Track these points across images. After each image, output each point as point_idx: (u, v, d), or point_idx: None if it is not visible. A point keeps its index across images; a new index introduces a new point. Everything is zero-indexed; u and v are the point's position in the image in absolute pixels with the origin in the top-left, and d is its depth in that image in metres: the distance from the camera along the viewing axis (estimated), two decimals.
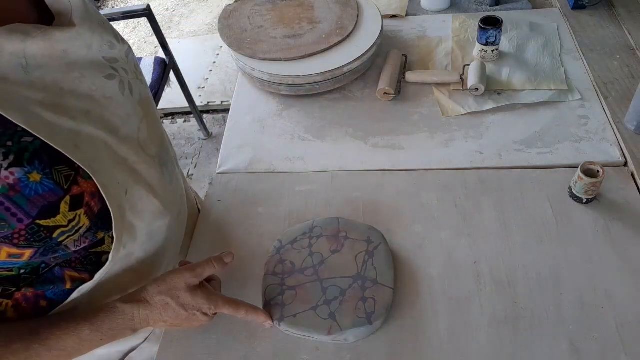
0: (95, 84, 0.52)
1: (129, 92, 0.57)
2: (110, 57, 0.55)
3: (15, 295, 0.55)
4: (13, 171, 0.43)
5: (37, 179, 0.45)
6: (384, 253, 0.69)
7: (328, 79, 0.95)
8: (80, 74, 0.50)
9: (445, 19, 1.12)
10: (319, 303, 0.64)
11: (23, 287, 0.56)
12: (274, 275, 0.68)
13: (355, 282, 0.66)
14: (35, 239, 0.47)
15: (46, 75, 0.47)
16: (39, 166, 0.45)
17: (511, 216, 0.74)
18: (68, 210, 0.48)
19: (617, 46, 0.99)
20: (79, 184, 0.48)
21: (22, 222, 0.45)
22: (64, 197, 0.47)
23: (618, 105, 0.87)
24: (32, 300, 0.57)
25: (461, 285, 0.67)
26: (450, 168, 0.82)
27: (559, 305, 0.64)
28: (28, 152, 0.44)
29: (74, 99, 0.49)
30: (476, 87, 0.91)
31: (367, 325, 0.62)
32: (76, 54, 0.50)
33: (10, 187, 0.43)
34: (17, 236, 0.46)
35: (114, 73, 0.55)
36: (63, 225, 0.48)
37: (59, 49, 0.48)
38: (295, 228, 0.74)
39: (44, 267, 0.56)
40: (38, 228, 0.47)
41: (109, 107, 0.53)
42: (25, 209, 0.45)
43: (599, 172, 0.70)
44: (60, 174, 0.47)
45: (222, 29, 1.03)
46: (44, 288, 0.57)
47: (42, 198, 0.46)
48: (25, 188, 0.44)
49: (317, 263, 0.69)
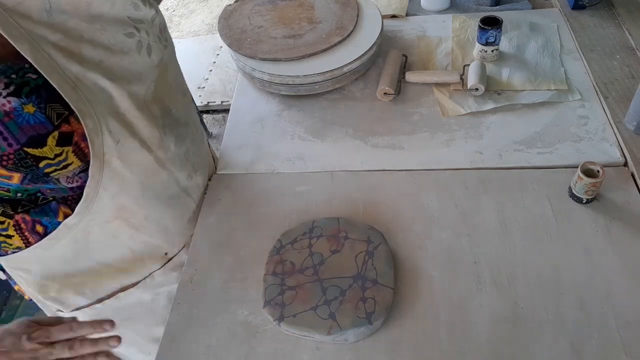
0: (115, 39, 0.56)
1: (146, 53, 0.60)
2: (136, 18, 0.59)
3: (15, 217, 0.62)
4: (10, 100, 0.49)
5: (30, 110, 0.50)
6: (384, 253, 0.69)
7: (328, 79, 0.95)
8: (102, 27, 0.54)
9: (445, 19, 1.12)
10: (319, 303, 0.64)
11: (21, 213, 0.62)
12: (274, 275, 0.68)
13: (355, 282, 0.66)
14: (22, 164, 0.52)
15: (68, 21, 0.51)
16: (35, 100, 0.50)
17: (511, 216, 0.74)
18: (55, 145, 0.53)
19: (617, 46, 0.99)
20: (70, 123, 0.53)
21: (11, 146, 0.50)
22: (53, 132, 0.52)
23: (618, 105, 0.87)
24: (30, 224, 0.63)
25: (461, 285, 0.67)
26: (450, 168, 0.82)
27: (559, 305, 0.64)
28: (29, 87, 0.50)
29: (90, 47, 0.53)
30: (476, 87, 0.91)
31: (367, 325, 0.62)
32: (100, 8, 0.54)
33: (5, 113, 0.49)
34: (6, 159, 0.51)
35: (134, 32, 0.58)
36: (49, 157, 0.53)
37: (83, 0, 0.52)
38: (295, 228, 0.74)
39: (42, 199, 0.62)
40: (25, 155, 0.52)
41: (121, 62, 0.56)
42: (15, 135, 0.50)
43: (599, 172, 0.70)
44: (53, 110, 0.52)
45: (222, 29, 1.03)
46: (39, 217, 0.62)
47: (32, 128, 0.51)
48: (18, 117, 0.50)
49: (317, 263, 0.69)
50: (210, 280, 0.72)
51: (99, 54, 0.54)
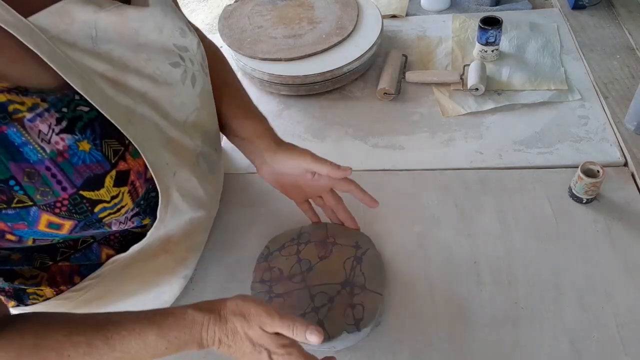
0: (160, 69, 0.52)
1: (190, 83, 0.57)
2: (181, 45, 0.55)
3: (51, 268, 0.56)
4: (64, 137, 0.43)
5: (86, 148, 0.45)
6: (373, 258, 0.68)
7: (328, 79, 0.95)
8: (148, 57, 0.51)
9: (445, 19, 1.12)
10: (307, 310, 0.63)
11: (60, 261, 0.56)
12: (261, 282, 0.67)
13: (343, 288, 0.65)
14: (77, 210, 0.47)
15: (114, 50, 0.47)
16: (89, 136, 0.45)
17: (511, 216, 0.74)
18: (112, 186, 0.47)
19: (617, 46, 0.99)
20: (126, 161, 0.48)
21: (66, 190, 0.45)
22: (110, 171, 0.47)
23: (618, 105, 0.87)
24: (67, 274, 0.57)
25: (461, 285, 0.67)
26: (450, 168, 0.82)
27: (559, 305, 0.64)
28: (82, 122, 0.45)
29: (137, 78, 0.49)
30: (476, 87, 0.91)
31: (355, 333, 0.61)
32: (147, 37, 0.50)
33: (58, 152, 0.43)
34: (60, 205, 0.46)
35: (179, 62, 0.55)
36: (106, 200, 0.48)
37: (131, 27, 0.48)
38: (283, 234, 0.73)
39: (81, 242, 0.56)
40: (81, 199, 0.46)
41: (166, 93, 0.53)
42: (70, 178, 0.45)
43: (599, 172, 0.70)
44: (109, 147, 0.46)
45: (222, 29, 1.03)
46: (80, 263, 0.57)
47: (88, 168, 0.45)
48: (73, 156, 0.44)
49: (305, 270, 0.68)
50: (210, 280, 0.72)
51: (145, 85, 0.50)
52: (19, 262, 0.55)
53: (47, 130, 0.43)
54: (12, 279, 0.55)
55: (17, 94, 0.41)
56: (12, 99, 0.41)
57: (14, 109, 0.41)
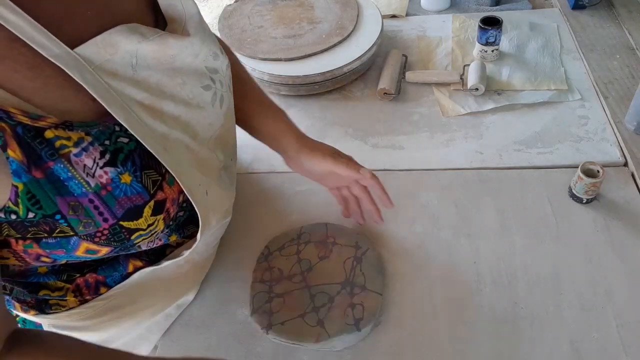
0: (193, 92, 0.51)
1: (219, 104, 0.56)
2: (212, 68, 0.55)
3: (77, 281, 0.56)
4: (107, 170, 0.44)
5: (127, 180, 0.45)
6: (373, 258, 0.68)
7: (328, 79, 0.95)
8: (182, 81, 0.50)
9: (445, 19, 1.12)
10: (307, 310, 0.63)
11: (87, 273, 0.56)
12: (261, 282, 0.68)
13: (343, 288, 0.65)
14: (115, 239, 0.48)
15: (151, 77, 0.47)
16: (130, 168, 0.45)
17: (511, 216, 0.74)
18: (150, 215, 0.48)
19: (617, 46, 0.99)
20: (163, 190, 0.49)
21: (107, 221, 0.45)
22: (149, 202, 0.47)
23: (618, 105, 0.87)
24: (93, 286, 0.57)
25: (461, 285, 0.67)
26: (450, 168, 0.82)
27: (559, 305, 0.64)
28: (123, 153, 0.44)
29: (172, 104, 0.49)
30: (476, 87, 0.91)
31: (355, 332, 0.61)
32: (183, 61, 0.50)
33: (102, 185, 0.44)
34: (100, 235, 0.46)
35: (210, 84, 0.54)
36: (142, 228, 0.48)
37: (169, 54, 0.48)
38: (283, 234, 0.74)
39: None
40: (120, 229, 0.47)
41: (197, 116, 0.52)
42: (112, 209, 0.45)
43: (599, 172, 0.70)
44: (148, 178, 0.47)
45: (222, 29, 1.03)
46: (106, 274, 0.57)
47: (129, 200, 0.46)
48: (115, 188, 0.44)
49: (305, 270, 0.68)
50: (210, 280, 0.72)
51: (179, 109, 0.50)
52: (46, 275, 0.55)
53: (92, 164, 0.43)
54: (37, 291, 0.56)
55: (63, 129, 0.41)
56: (59, 134, 0.40)
57: (61, 145, 0.41)
